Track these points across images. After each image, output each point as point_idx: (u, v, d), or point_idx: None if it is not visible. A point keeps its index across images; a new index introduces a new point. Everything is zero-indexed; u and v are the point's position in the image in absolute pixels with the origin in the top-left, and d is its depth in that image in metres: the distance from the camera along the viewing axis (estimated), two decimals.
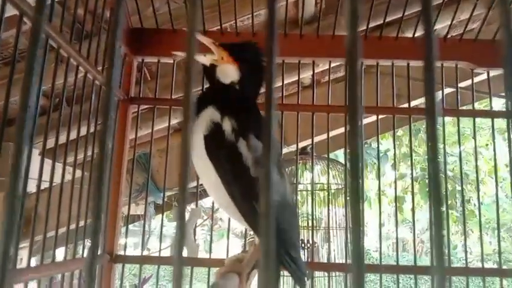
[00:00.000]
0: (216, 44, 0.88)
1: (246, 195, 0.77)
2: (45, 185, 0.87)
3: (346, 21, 0.26)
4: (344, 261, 1.86)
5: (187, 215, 1.03)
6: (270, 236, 0.23)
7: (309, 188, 2.26)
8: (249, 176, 0.77)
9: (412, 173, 1.32)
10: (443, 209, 0.26)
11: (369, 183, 4.76)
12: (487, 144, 5.46)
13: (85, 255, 1.01)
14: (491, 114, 1.19)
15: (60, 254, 1.12)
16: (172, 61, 1.22)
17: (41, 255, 0.80)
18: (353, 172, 0.25)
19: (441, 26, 1.52)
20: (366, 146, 4.14)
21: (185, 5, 1.19)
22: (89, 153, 1.09)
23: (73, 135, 0.93)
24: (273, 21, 0.27)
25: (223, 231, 5.50)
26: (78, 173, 0.99)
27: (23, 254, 1.09)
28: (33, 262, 0.94)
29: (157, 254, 1.19)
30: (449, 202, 4.95)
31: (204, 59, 0.88)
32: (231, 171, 0.78)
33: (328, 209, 1.30)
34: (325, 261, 2.13)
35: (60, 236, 0.92)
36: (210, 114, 0.81)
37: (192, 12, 0.21)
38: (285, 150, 1.85)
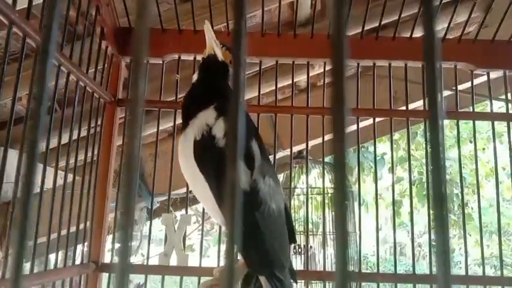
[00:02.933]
0: (218, 44, 0.84)
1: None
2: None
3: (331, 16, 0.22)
4: None
5: (177, 222, 0.99)
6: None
7: (304, 191, 2.22)
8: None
9: (410, 177, 1.27)
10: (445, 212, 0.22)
11: (367, 187, 4.72)
12: (483, 148, 5.46)
13: (77, 262, 0.97)
14: (491, 116, 1.15)
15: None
16: (161, 62, 1.18)
17: (30, 263, 0.76)
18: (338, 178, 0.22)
19: (437, 28, 1.49)
20: (362, 149, 4.10)
21: (175, 6, 1.15)
22: (82, 157, 1.05)
23: (56, 141, 0.88)
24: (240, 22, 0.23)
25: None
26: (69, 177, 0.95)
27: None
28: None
29: (150, 260, 1.15)
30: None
31: (219, 52, 0.83)
32: (220, 181, 0.72)
33: (324, 214, 1.27)
34: (321, 266, 2.08)
35: (51, 242, 0.88)
36: (208, 115, 0.76)
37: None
38: (280, 154, 1.81)
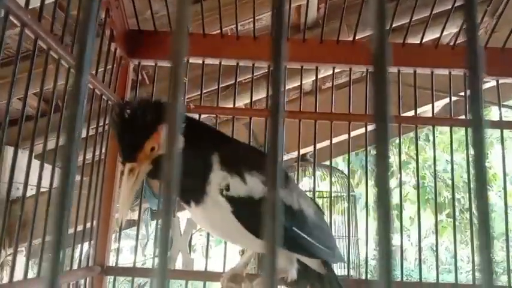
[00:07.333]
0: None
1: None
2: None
3: (373, 24, 0.22)
4: (345, 273, 1.80)
5: (182, 226, 0.98)
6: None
7: (309, 195, 2.22)
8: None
9: (418, 184, 1.27)
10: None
11: (370, 191, 4.71)
12: (487, 153, 5.46)
13: (75, 267, 0.96)
14: (500, 124, 1.14)
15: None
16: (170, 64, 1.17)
17: (38, 266, 0.75)
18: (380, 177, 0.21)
19: (446, 33, 1.49)
20: (364, 152, 4.09)
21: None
22: (87, 156, 1.04)
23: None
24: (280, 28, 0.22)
25: None
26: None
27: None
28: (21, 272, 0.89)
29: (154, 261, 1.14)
30: (448, 211, 4.90)
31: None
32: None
33: (331, 217, 1.27)
34: None
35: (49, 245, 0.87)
36: (220, 178, 0.74)
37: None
38: (284, 158, 1.81)
